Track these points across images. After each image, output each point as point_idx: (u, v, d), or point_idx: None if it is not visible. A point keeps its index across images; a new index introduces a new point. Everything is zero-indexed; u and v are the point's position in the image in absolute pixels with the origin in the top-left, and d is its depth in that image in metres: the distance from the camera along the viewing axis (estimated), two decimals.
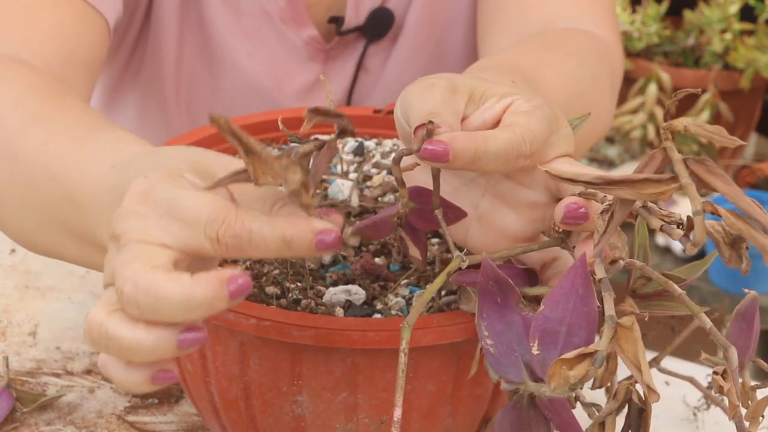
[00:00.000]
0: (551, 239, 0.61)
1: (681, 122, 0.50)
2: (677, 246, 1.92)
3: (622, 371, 0.66)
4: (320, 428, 0.65)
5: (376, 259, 0.71)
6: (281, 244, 0.51)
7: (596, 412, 0.64)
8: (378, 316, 0.66)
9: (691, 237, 0.51)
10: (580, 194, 0.57)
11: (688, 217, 0.52)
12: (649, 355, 0.73)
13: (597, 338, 0.52)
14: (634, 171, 0.53)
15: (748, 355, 0.55)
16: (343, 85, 1.05)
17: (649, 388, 0.49)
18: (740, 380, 0.56)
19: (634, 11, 2.11)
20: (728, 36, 2.01)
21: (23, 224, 0.71)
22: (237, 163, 0.54)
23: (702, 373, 0.85)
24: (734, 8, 1.99)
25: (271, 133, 0.84)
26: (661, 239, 1.95)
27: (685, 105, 2.02)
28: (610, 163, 2.00)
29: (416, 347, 0.61)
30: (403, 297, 0.68)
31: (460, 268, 0.59)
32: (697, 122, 0.51)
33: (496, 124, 0.60)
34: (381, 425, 0.62)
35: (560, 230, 0.60)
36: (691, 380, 0.78)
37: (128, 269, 0.50)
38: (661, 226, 0.53)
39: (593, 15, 0.95)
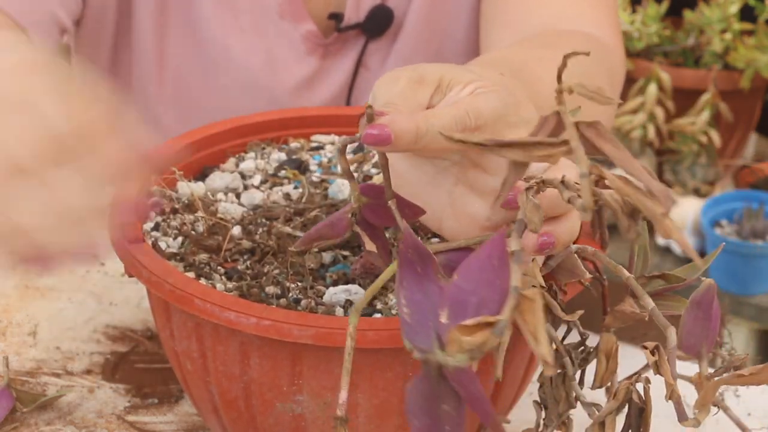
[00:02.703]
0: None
1: (567, 86, 0.50)
2: (677, 246, 1.92)
3: (623, 371, 0.66)
4: (320, 428, 0.65)
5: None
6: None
7: (596, 412, 0.64)
8: (378, 315, 0.66)
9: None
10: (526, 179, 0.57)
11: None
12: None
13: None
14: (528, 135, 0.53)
15: (706, 344, 0.54)
16: (342, 81, 1.05)
17: (545, 362, 0.48)
18: (698, 370, 0.55)
19: (634, 11, 2.11)
20: (728, 36, 2.01)
21: None
22: None
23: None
24: (734, 8, 1.99)
25: (271, 133, 0.84)
26: (661, 239, 1.95)
27: (685, 105, 2.02)
28: (610, 163, 2.00)
29: None
30: None
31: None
32: (580, 84, 0.51)
33: None
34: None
35: None
36: (691, 380, 0.78)
37: None
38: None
39: (595, 16, 0.95)
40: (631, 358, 0.74)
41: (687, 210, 1.92)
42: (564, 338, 0.66)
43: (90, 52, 1.03)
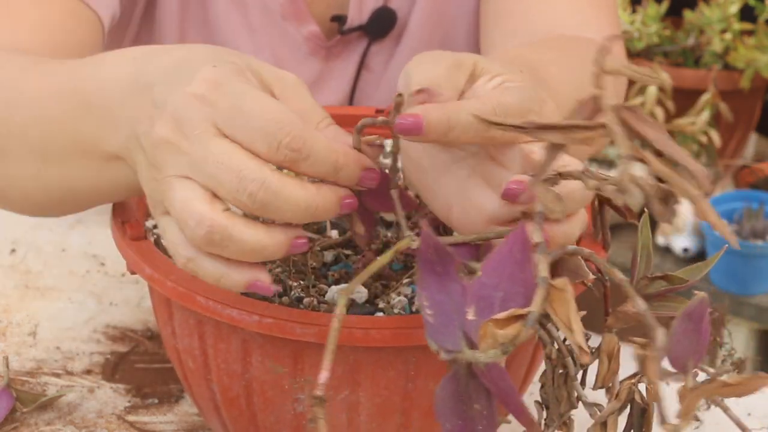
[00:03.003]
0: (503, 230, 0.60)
1: (611, 65, 0.49)
2: (678, 246, 1.92)
3: (625, 372, 0.66)
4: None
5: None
6: (331, 169, 0.55)
7: (598, 412, 0.64)
8: (380, 314, 0.66)
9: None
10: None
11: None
12: None
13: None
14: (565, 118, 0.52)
15: (694, 358, 0.53)
16: (345, 83, 1.05)
17: (581, 349, 0.48)
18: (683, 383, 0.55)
19: (634, 11, 2.11)
20: (728, 36, 2.01)
21: (24, 170, 0.70)
22: (283, 74, 0.58)
23: (702, 373, 0.85)
24: (734, 8, 1.99)
25: None
26: (661, 239, 1.95)
27: (685, 105, 2.02)
28: (610, 163, 2.00)
29: (418, 345, 0.61)
30: (406, 296, 0.68)
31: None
32: (626, 64, 0.50)
33: None
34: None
35: None
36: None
37: (253, 171, 0.53)
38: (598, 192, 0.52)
39: (598, 24, 0.95)
40: (632, 359, 0.74)
41: (687, 210, 1.92)
42: (566, 338, 0.65)
43: (114, 45, 1.03)
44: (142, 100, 0.58)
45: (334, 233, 0.75)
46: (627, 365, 0.67)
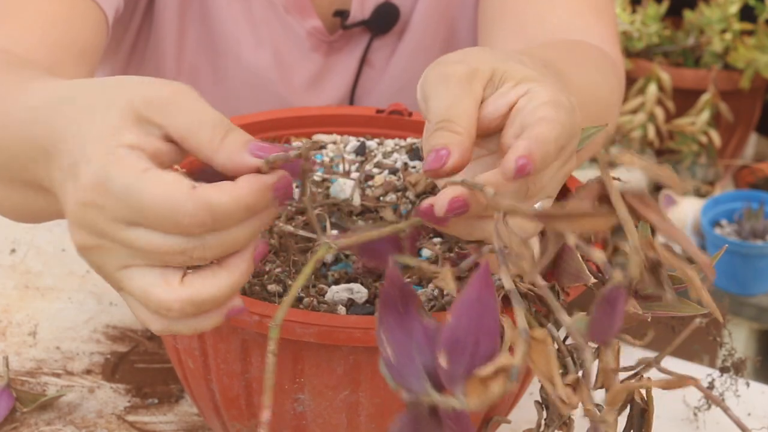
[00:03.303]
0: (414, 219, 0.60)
1: (629, 159, 0.50)
2: (677, 246, 1.92)
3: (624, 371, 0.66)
4: (321, 426, 0.65)
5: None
6: (245, 214, 0.52)
7: (598, 412, 0.64)
8: None
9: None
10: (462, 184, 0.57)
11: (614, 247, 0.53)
12: (649, 355, 0.72)
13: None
14: (570, 200, 0.52)
15: (610, 334, 0.54)
16: (346, 79, 1.05)
17: (563, 402, 0.49)
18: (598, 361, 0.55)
19: (634, 11, 2.11)
20: (728, 36, 2.01)
21: None
22: (167, 97, 0.53)
23: (702, 373, 0.85)
24: (734, 8, 1.99)
25: (272, 132, 0.84)
26: (661, 239, 1.95)
27: (685, 105, 2.02)
28: (610, 163, 2.00)
29: None
30: None
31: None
32: (636, 157, 0.51)
33: (509, 110, 0.60)
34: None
35: None
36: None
37: (187, 241, 0.52)
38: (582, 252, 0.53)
39: (599, 29, 0.94)
40: (631, 359, 0.74)
41: (687, 210, 1.92)
42: (566, 339, 0.65)
43: (113, 44, 1.03)
44: (49, 168, 0.56)
45: (334, 233, 0.75)
46: (628, 365, 0.67)
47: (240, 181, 0.52)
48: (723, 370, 0.83)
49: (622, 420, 0.64)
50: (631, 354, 0.87)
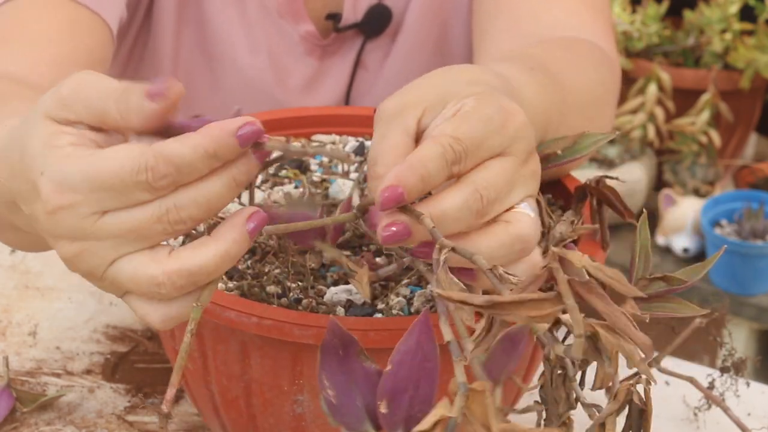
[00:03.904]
0: (347, 214, 0.61)
1: (579, 259, 0.51)
2: (678, 246, 1.92)
3: (624, 372, 0.66)
4: (321, 428, 0.65)
5: (377, 259, 0.71)
6: (208, 161, 0.52)
7: (597, 413, 0.64)
8: (379, 315, 0.66)
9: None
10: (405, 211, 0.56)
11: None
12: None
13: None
14: (518, 288, 0.53)
15: (507, 372, 0.55)
16: (341, 82, 1.05)
17: None
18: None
19: (634, 11, 2.11)
20: (728, 36, 2.01)
21: None
22: (96, 89, 0.53)
23: (702, 373, 0.85)
24: (734, 8, 1.99)
25: (272, 133, 0.84)
26: (661, 239, 1.95)
27: (685, 105, 2.02)
28: (610, 163, 2.00)
29: None
30: (404, 297, 0.68)
31: None
32: (595, 266, 0.51)
33: None
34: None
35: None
36: (691, 380, 0.78)
37: (158, 209, 0.52)
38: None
39: (595, 27, 0.94)
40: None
41: (687, 210, 1.92)
42: (565, 339, 0.66)
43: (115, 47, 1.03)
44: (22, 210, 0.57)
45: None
46: (626, 366, 0.67)
47: (199, 130, 0.52)
48: (723, 370, 0.83)
49: (622, 420, 0.64)
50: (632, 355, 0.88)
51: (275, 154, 0.61)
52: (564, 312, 0.50)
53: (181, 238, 0.70)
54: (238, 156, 0.53)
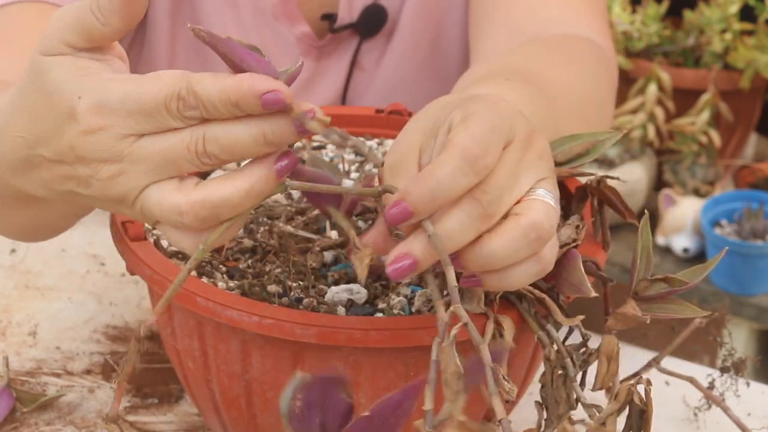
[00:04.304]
0: (371, 189, 0.61)
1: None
2: (678, 246, 1.92)
3: (624, 372, 0.66)
4: None
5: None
6: (231, 107, 0.53)
7: (597, 413, 0.64)
8: (380, 315, 0.66)
9: None
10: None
11: None
12: (649, 355, 0.73)
13: None
14: None
15: (471, 384, 0.55)
16: (337, 82, 1.05)
17: None
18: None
19: (634, 11, 2.11)
20: (728, 36, 2.01)
21: None
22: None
23: (702, 373, 0.85)
24: (734, 8, 1.99)
25: None
26: (661, 239, 1.95)
27: (685, 105, 2.02)
28: (610, 163, 2.00)
29: (417, 346, 0.61)
30: (405, 296, 0.68)
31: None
32: None
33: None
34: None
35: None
36: (691, 380, 0.78)
37: (190, 135, 0.53)
38: None
39: (590, 22, 0.94)
40: (633, 359, 0.74)
41: (687, 210, 1.92)
42: (566, 339, 0.66)
43: None
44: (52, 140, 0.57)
45: (333, 234, 0.75)
46: (626, 366, 0.67)
47: (235, 76, 0.54)
48: (723, 370, 0.83)
49: (622, 420, 0.64)
50: (633, 355, 0.88)
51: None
52: None
53: None
54: (267, 115, 0.53)
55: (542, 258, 0.57)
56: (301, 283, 0.69)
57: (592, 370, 0.66)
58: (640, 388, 0.64)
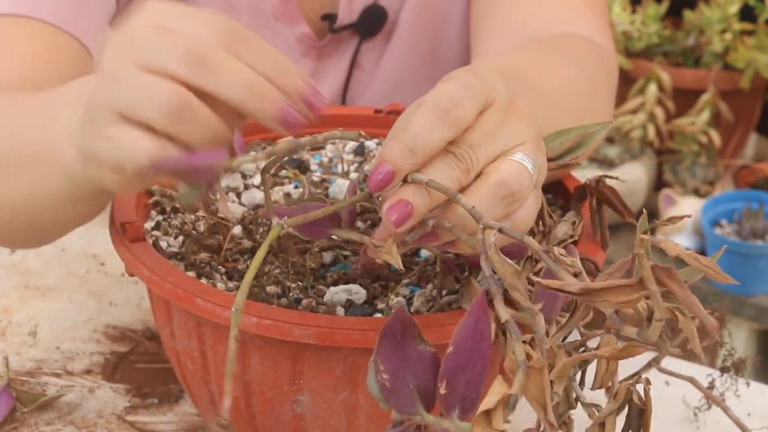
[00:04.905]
0: (361, 194, 0.61)
1: (672, 249, 0.52)
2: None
3: (623, 372, 0.66)
4: (320, 428, 0.65)
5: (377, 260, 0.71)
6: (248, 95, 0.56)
7: (596, 413, 0.64)
8: (379, 315, 0.66)
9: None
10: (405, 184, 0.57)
11: None
12: (649, 355, 0.73)
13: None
14: (605, 273, 0.54)
15: (555, 310, 0.57)
16: (337, 82, 1.06)
17: (551, 425, 0.51)
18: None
19: (634, 11, 2.11)
20: (728, 36, 2.01)
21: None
22: None
23: (702, 373, 0.85)
24: (734, 8, 1.99)
25: (272, 133, 0.84)
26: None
27: (685, 105, 2.02)
28: (610, 163, 2.00)
29: None
30: (404, 296, 0.68)
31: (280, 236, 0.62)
32: (689, 254, 0.53)
33: None
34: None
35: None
36: (691, 380, 0.78)
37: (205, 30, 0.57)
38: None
39: (590, 21, 0.95)
40: (633, 358, 0.74)
41: (687, 210, 1.92)
42: (565, 338, 0.66)
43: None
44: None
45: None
46: (625, 365, 0.67)
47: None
48: (723, 370, 0.83)
49: (621, 421, 0.64)
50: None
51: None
52: (647, 297, 0.51)
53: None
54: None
55: (515, 219, 0.58)
56: (300, 283, 0.69)
57: (592, 369, 0.66)
58: (639, 388, 0.64)
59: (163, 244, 0.71)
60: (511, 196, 0.57)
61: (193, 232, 0.73)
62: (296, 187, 0.79)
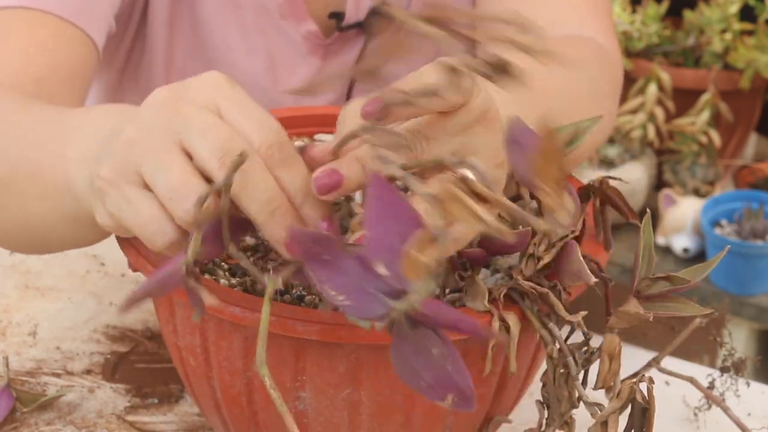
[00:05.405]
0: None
1: None
2: (678, 246, 1.92)
3: (625, 371, 0.66)
4: (323, 425, 0.65)
5: None
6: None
7: (599, 412, 0.64)
8: None
9: None
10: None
11: None
12: (649, 355, 0.73)
13: None
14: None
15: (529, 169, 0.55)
16: (343, 81, 1.05)
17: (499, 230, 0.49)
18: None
19: (634, 11, 2.11)
20: (728, 36, 2.01)
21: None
22: None
23: (702, 373, 0.85)
24: (734, 8, 1.99)
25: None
26: (661, 239, 1.95)
27: (685, 105, 2.02)
28: (609, 163, 2.00)
29: None
30: None
31: None
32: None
33: None
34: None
35: None
36: (691, 380, 0.78)
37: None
38: None
39: (594, 22, 0.94)
40: (633, 358, 0.74)
41: (687, 210, 1.92)
42: (567, 338, 0.66)
43: (108, 57, 1.03)
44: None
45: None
46: (628, 364, 0.67)
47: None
48: (723, 370, 0.83)
49: (623, 420, 0.64)
50: (633, 355, 0.87)
51: None
52: None
53: None
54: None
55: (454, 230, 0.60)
56: None
57: (594, 369, 0.66)
58: (642, 387, 0.64)
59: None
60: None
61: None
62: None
